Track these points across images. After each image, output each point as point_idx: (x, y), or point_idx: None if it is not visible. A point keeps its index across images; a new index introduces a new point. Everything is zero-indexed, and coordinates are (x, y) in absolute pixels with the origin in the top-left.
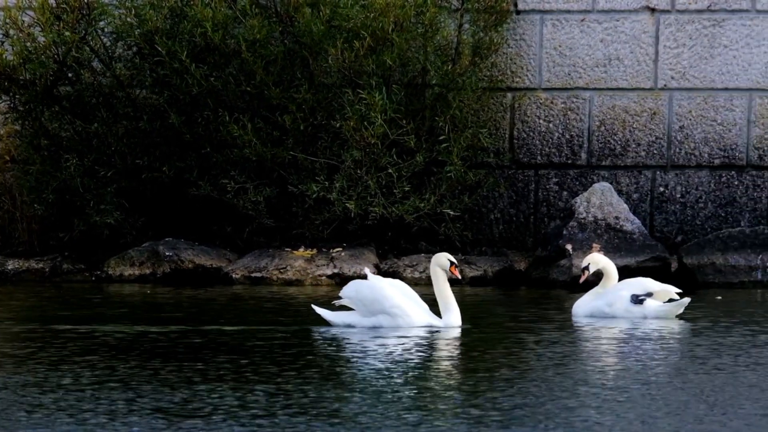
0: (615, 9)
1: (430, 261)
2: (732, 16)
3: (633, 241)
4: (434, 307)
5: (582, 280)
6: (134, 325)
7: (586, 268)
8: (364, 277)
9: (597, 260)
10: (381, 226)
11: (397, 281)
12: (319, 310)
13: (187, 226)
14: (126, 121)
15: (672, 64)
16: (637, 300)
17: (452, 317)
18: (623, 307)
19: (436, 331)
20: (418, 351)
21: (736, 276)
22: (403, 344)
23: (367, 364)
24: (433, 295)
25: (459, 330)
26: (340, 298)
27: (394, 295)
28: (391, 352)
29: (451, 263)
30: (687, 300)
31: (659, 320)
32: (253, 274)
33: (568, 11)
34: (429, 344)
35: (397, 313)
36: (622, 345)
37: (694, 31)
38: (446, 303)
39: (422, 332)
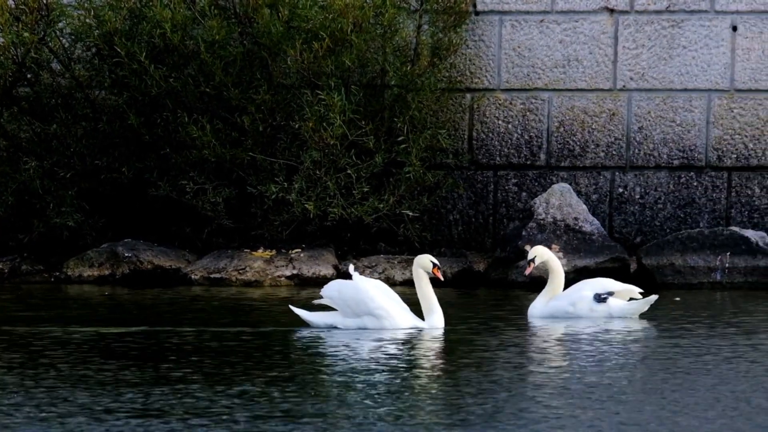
0: (574, 10)
1: (388, 262)
2: (691, 17)
3: (592, 242)
4: (413, 307)
5: (528, 272)
6: (93, 326)
7: (532, 260)
8: (348, 275)
9: (542, 252)
10: (340, 227)
11: (379, 282)
12: (297, 311)
13: (146, 227)
14: (85, 122)
15: (631, 65)
16: (600, 299)
17: (435, 319)
18: (587, 306)
19: (420, 333)
20: (397, 353)
21: (695, 277)
22: (380, 346)
23: (342, 365)
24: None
25: (442, 332)
26: (320, 297)
27: (379, 296)
28: (372, 355)
29: (434, 265)
30: (653, 297)
31: (622, 319)
32: (212, 275)
33: (527, 12)
34: (410, 345)
35: (382, 314)
36: (583, 346)
37: (653, 32)
38: (430, 305)
39: (405, 334)
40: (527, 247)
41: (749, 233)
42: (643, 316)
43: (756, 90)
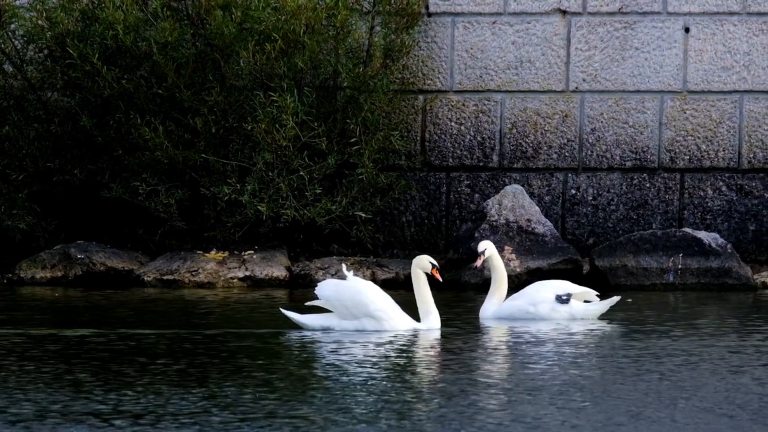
0: (526, 11)
1: (341, 263)
2: (643, 18)
3: (545, 243)
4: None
5: (478, 263)
6: (44, 327)
7: (482, 253)
8: (341, 277)
9: (491, 247)
10: (293, 228)
11: (371, 283)
12: (289, 314)
13: (99, 229)
14: (37, 124)
15: (583, 66)
16: (562, 300)
17: (432, 320)
18: (549, 307)
19: (417, 335)
20: (391, 354)
21: (647, 278)
22: (370, 348)
23: (336, 366)
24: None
25: (438, 333)
26: (316, 298)
27: (378, 297)
28: (367, 356)
29: (433, 266)
30: (615, 299)
31: (581, 321)
32: (164, 277)
33: (480, 14)
34: (406, 346)
35: (382, 316)
36: (540, 347)
37: (606, 34)
38: (427, 306)
39: (404, 335)
40: (477, 247)
41: (702, 235)
42: (600, 317)
43: (708, 91)
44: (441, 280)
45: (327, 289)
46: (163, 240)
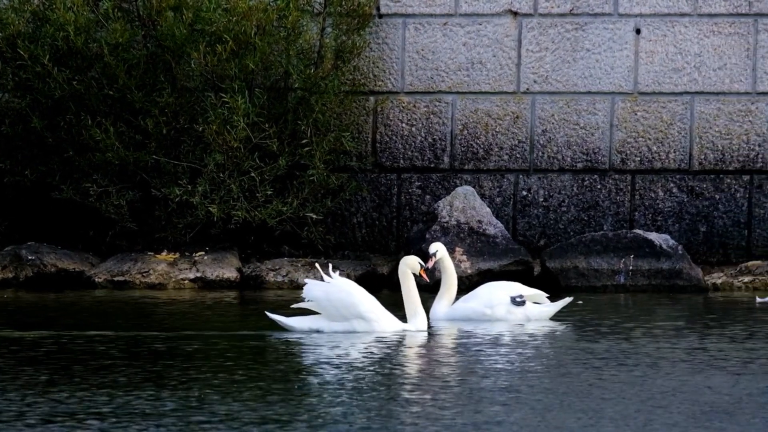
0: (477, 13)
1: (292, 265)
2: (594, 19)
3: (496, 244)
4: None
5: (430, 264)
6: None
7: (434, 254)
8: (317, 277)
9: (442, 249)
10: (244, 229)
11: (356, 284)
12: (274, 317)
13: (50, 230)
14: None
15: (535, 67)
16: (517, 302)
17: (420, 321)
18: (505, 309)
19: (403, 335)
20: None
21: (598, 280)
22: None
23: (324, 369)
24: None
25: (426, 334)
26: (302, 300)
27: (368, 298)
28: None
29: (421, 266)
30: (567, 300)
31: (533, 322)
32: (115, 278)
33: (431, 15)
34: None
35: (373, 317)
36: (494, 348)
37: (557, 35)
38: (415, 307)
39: (391, 336)
40: (429, 249)
41: (653, 236)
42: (551, 318)
43: (659, 93)
44: (429, 280)
45: (316, 291)
46: (114, 241)
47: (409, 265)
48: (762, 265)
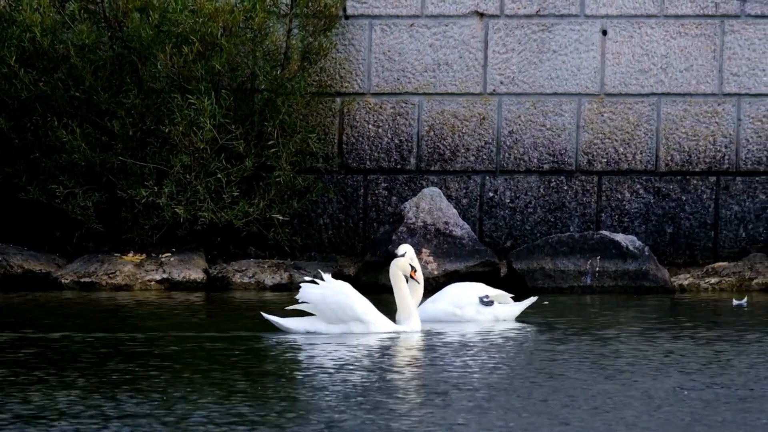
0: (444, 14)
1: (258, 266)
2: (561, 21)
3: (462, 246)
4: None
5: (417, 276)
6: None
7: (402, 255)
8: (312, 279)
9: (411, 252)
10: (210, 231)
11: (350, 286)
12: (270, 318)
13: (16, 232)
14: None
15: (501, 69)
16: (486, 302)
17: (413, 323)
18: (474, 309)
19: (397, 337)
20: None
21: (565, 281)
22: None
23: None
24: None
25: (419, 335)
26: (296, 302)
27: (363, 301)
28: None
29: (412, 268)
30: (532, 299)
31: (499, 323)
32: (82, 279)
33: (397, 16)
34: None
35: (369, 319)
36: (461, 349)
37: (523, 36)
38: (408, 309)
39: (385, 337)
40: (397, 251)
41: (619, 237)
42: (516, 319)
43: (626, 94)
44: (419, 282)
45: (312, 293)
46: (81, 242)
47: (400, 267)
48: (728, 267)
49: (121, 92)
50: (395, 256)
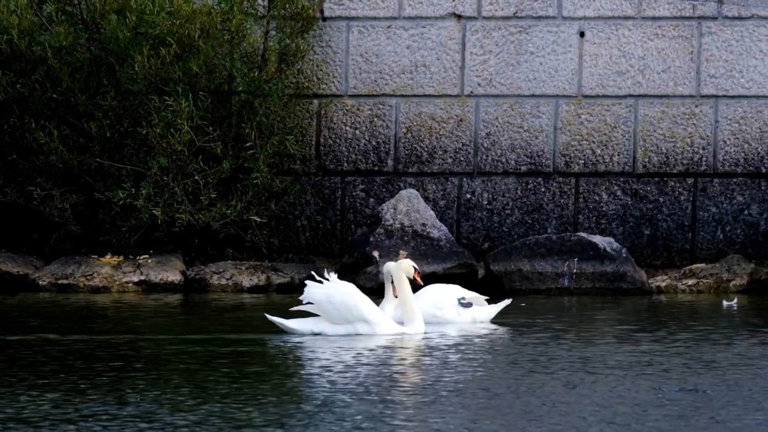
0: (421, 16)
1: (236, 268)
2: (538, 22)
3: (440, 248)
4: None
5: (417, 277)
6: None
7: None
8: (312, 279)
9: (388, 271)
10: (188, 233)
11: (354, 286)
12: (275, 319)
13: None
14: None
15: (478, 70)
16: (465, 304)
17: (417, 324)
18: (454, 310)
19: (400, 338)
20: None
21: (542, 283)
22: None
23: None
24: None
25: (422, 336)
26: (300, 302)
27: (368, 301)
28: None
29: (415, 269)
30: (507, 301)
31: (475, 324)
32: (59, 281)
33: (375, 18)
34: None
35: (374, 320)
36: (438, 351)
37: (501, 38)
38: (412, 311)
39: (390, 339)
40: (375, 253)
41: (597, 239)
42: (492, 320)
43: (603, 96)
44: (422, 283)
45: (317, 293)
46: (58, 244)
47: (404, 269)
48: (706, 268)
49: (99, 94)
50: (373, 257)
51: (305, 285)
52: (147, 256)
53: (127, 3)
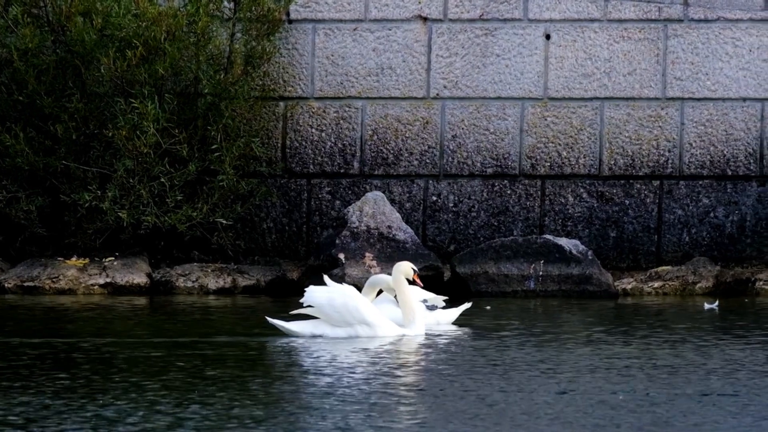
0: (387, 18)
1: (202, 270)
2: (504, 25)
3: (406, 250)
4: None
5: (417, 279)
6: None
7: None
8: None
9: (370, 284)
10: (153, 235)
11: (354, 289)
12: (275, 322)
13: None
14: None
15: (444, 73)
16: (428, 306)
17: (417, 326)
18: (422, 314)
19: (400, 340)
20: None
21: (508, 285)
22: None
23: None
24: None
25: (423, 338)
26: (300, 305)
27: (369, 304)
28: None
29: (414, 271)
30: (467, 305)
31: (436, 327)
32: (25, 284)
33: (341, 20)
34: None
35: (375, 323)
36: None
37: (467, 41)
38: (412, 312)
39: (392, 341)
40: (340, 255)
41: (563, 241)
42: (453, 323)
43: (569, 98)
44: (422, 285)
45: (318, 296)
46: (24, 247)
47: (403, 272)
48: (672, 271)
49: (65, 96)
50: (339, 260)
51: (304, 289)
52: (113, 258)
53: (93, 5)
